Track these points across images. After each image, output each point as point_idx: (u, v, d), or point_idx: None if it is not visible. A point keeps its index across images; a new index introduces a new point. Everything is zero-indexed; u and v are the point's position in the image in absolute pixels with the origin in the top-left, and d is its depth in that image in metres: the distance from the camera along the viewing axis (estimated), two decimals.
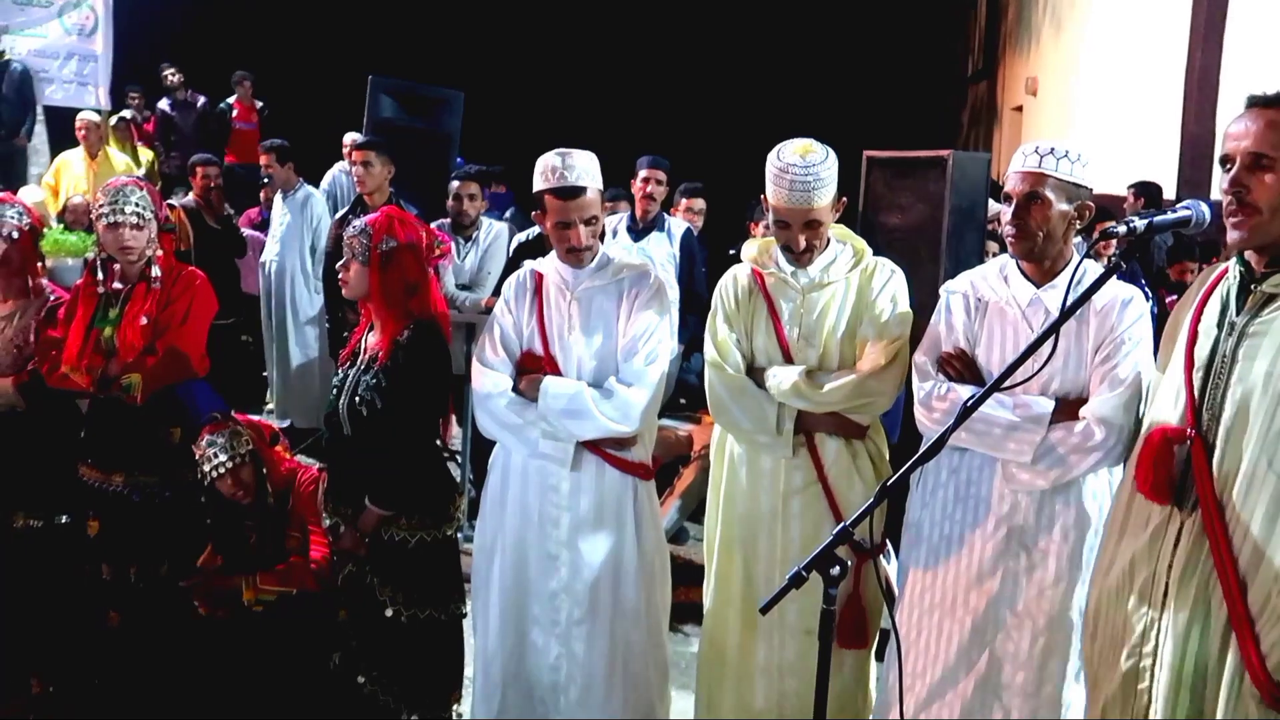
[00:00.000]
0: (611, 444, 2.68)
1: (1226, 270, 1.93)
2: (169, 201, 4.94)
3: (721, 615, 2.77)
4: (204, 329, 3.08)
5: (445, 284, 4.66)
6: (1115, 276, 1.90)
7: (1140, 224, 1.78)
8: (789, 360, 2.66)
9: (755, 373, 2.69)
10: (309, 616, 2.81)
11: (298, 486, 2.92)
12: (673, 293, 5.03)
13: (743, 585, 2.70)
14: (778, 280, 2.68)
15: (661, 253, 5.09)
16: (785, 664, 2.67)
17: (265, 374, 6.60)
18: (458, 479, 4.50)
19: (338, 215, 5.35)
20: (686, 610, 3.52)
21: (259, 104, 9.78)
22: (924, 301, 2.70)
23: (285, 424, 5.91)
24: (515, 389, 2.68)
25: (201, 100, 9.70)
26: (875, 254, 2.74)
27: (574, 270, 2.71)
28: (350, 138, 6.47)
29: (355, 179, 4.91)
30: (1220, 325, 1.86)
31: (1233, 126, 1.81)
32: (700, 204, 5.70)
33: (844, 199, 2.62)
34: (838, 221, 2.70)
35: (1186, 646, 1.82)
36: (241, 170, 8.64)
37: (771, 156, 2.55)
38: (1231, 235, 1.81)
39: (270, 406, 6.58)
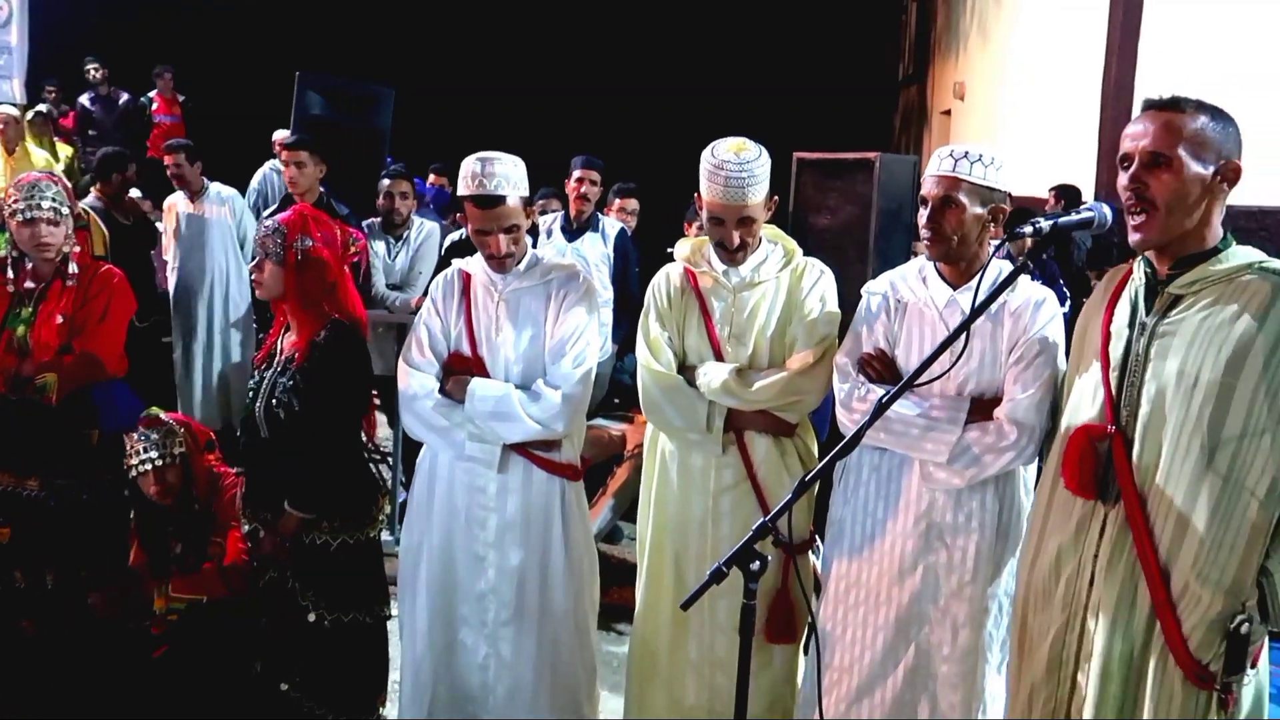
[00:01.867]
0: (539, 445, 2.67)
1: (1130, 271, 2.00)
2: None
3: (652, 613, 2.79)
4: (122, 328, 3.00)
5: (375, 284, 4.61)
6: (1033, 278, 1.96)
7: (1046, 225, 1.83)
8: (720, 359, 2.68)
9: (687, 371, 2.71)
10: (229, 624, 2.76)
11: (221, 492, 2.87)
12: (606, 293, 5.06)
13: (674, 583, 2.72)
14: (710, 279, 2.71)
15: (595, 253, 5.10)
16: (716, 660, 2.70)
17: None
18: (388, 481, 4.48)
19: (265, 213, 5.23)
20: (620, 610, 3.53)
21: (181, 97, 9.54)
22: (852, 301, 2.75)
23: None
24: (442, 390, 2.67)
25: (124, 96, 9.43)
26: (805, 254, 2.78)
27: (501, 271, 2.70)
28: (279, 135, 6.34)
29: (288, 179, 4.80)
30: (1131, 326, 1.93)
31: (1131, 127, 1.88)
32: (634, 204, 5.73)
33: (776, 198, 2.66)
34: (769, 222, 2.74)
35: (1114, 633, 1.89)
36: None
37: (706, 154, 2.58)
38: (1133, 236, 1.88)
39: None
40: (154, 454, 2.76)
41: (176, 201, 5.84)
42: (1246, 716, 1.87)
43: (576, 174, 5.14)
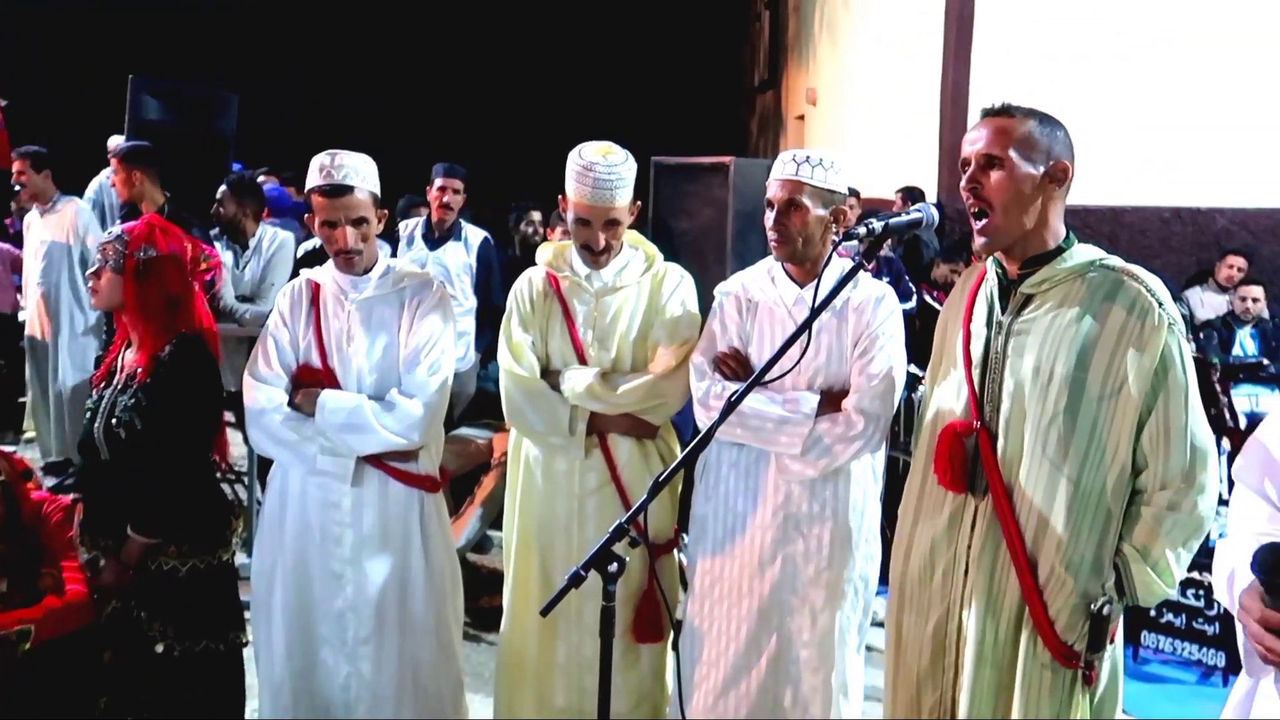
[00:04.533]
0: (395, 457, 2.63)
1: (985, 271, 2.11)
2: None
3: (520, 618, 2.78)
4: None
5: (224, 296, 4.42)
6: (878, 275, 2.04)
7: (878, 225, 1.92)
8: (583, 362, 2.70)
9: (551, 375, 2.72)
10: (70, 659, 2.58)
11: (47, 521, 2.69)
12: (469, 302, 5.01)
13: (540, 587, 2.72)
14: (572, 283, 2.72)
15: (457, 262, 5.03)
16: (584, 663, 2.71)
17: (22, 400, 6.02)
18: (243, 501, 4.29)
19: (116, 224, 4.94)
20: (493, 618, 3.50)
21: (3, 102, 8.87)
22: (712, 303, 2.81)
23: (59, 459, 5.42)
24: (291, 403, 2.59)
25: None
26: (666, 258, 2.83)
27: (353, 279, 2.65)
28: (114, 141, 5.99)
29: (118, 189, 4.55)
30: (989, 325, 2.03)
31: (968, 134, 2.00)
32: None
33: (639, 202, 2.70)
34: (630, 228, 2.77)
35: (986, 619, 1.99)
36: None
37: (573, 156, 2.60)
38: (977, 241, 2.00)
39: (30, 435, 6.01)
40: None
41: (33, 217, 5.48)
42: (1105, 687, 2.00)
43: (439, 183, 5.06)
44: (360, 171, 2.56)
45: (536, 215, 6.44)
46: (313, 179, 2.57)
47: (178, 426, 2.52)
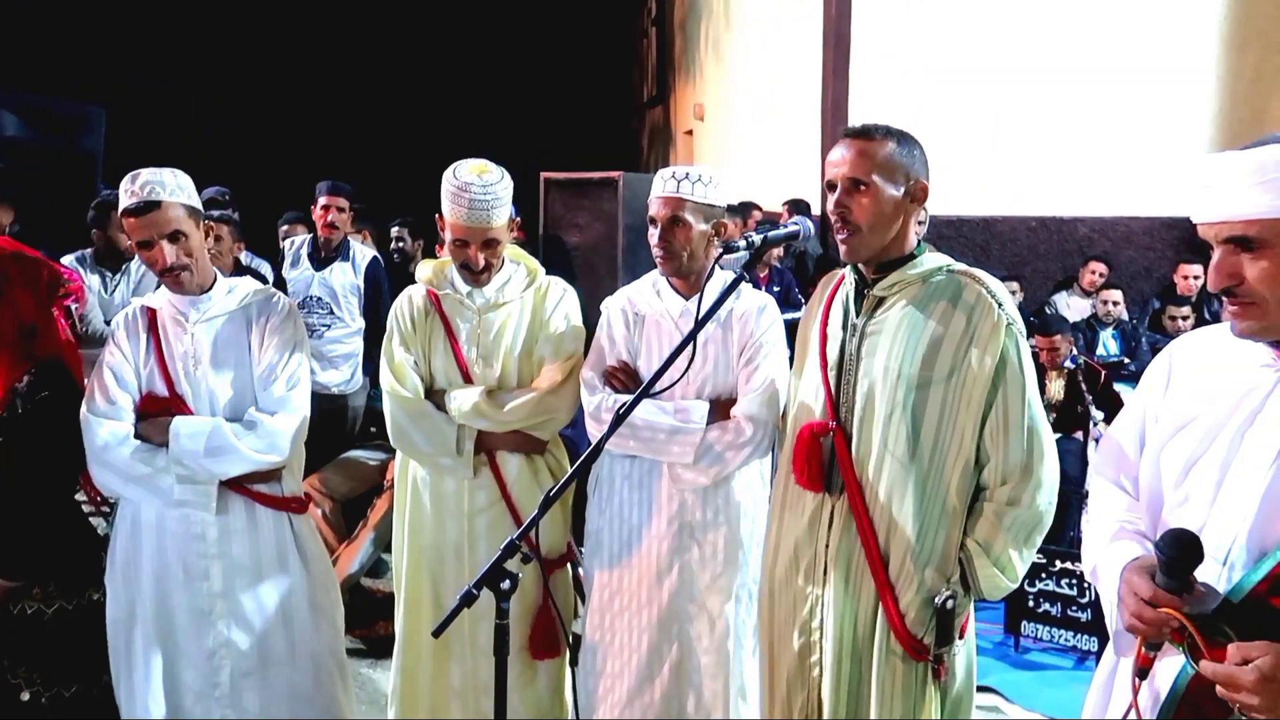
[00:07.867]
0: (257, 479, 2.51)
1: (843, 278, 2.19)
2: None
3: (413, 642, 2.73)
4: None
5: (93, 320, 4.21)
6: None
7: (757, 238, 1.97)
8: (468, 380, 2.68)
9: (435, 394, 2.69)
10: None
11: None
12: (356, 323, 4.91)
13: (432, 610, 2.68)
14: (454, 301, 2.70)
15: (344, 282, 4.93)
16: (479, 684, 2.68)
17: None
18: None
19: None
20: (387, 644, 3.43)
21: None
22: None
23: None
24: (138, 436, 2.43)
25: None
26: (558, 272, 2.82)
27: (192, 299, 2.51)
28: None
29: None
30: (845, 328, 2.11)
31: (832, 155, 2.06)
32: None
33: (518, 219, 2.69)
34: (514, 243, 2.76)
35: (844, 617, 2.04)
36: None
37: (448, 175, 2.56)
38: (842, 250, 2.07)
39: None
40: None
41: None
42: (960, 683, 2.08)
43: (322, 201, 4.95)
44: (168, 185, 2.41)
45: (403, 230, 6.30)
46: (121, 203, 2.42)
47: (38, 462, 2.38)
